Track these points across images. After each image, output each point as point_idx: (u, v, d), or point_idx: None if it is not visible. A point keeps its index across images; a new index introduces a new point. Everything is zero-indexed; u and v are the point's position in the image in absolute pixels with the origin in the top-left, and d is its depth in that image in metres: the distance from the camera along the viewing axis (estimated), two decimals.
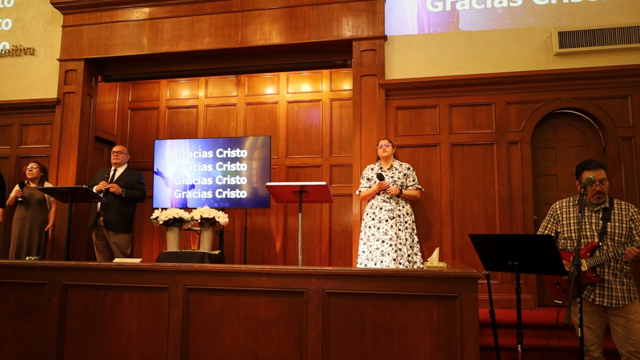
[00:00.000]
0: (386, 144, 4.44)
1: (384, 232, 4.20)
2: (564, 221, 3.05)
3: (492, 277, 3.81)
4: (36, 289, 3.07)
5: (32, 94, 5.86)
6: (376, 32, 5.07)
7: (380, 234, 4.21)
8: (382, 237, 4.20)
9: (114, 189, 4.82)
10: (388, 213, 4.24)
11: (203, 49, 5.43)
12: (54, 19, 5.92)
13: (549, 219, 3.15)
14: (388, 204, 4.27)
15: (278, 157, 6.15)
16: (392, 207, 4.25)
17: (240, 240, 6.07)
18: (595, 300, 2.87)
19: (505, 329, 3.67)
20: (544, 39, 4.79)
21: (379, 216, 4.26)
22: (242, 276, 2.79)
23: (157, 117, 6.68)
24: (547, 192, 4.80)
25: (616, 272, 2.85)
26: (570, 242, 2.98)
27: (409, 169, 4.45)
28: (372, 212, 4.32)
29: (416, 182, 4.43)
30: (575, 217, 2.99)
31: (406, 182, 4.37)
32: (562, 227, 3.04)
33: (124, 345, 2.90)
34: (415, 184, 4.40)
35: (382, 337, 2.59)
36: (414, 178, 4.43)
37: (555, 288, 3.05)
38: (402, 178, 4.35)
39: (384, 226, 4.22)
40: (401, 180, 4.33)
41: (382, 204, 4.29)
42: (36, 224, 5.01)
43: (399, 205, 4.28)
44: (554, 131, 4.86)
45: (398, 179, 4.33)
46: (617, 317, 2.85)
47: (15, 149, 5.81)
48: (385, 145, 4.43)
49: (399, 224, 4.22)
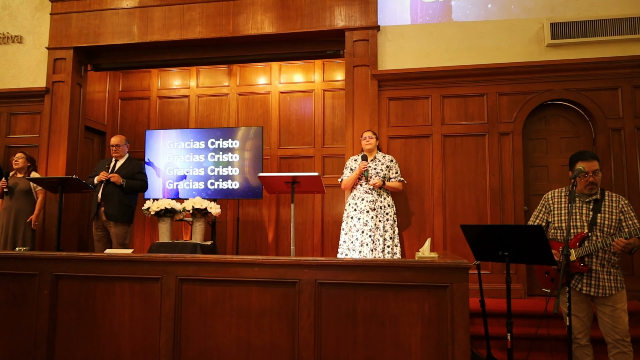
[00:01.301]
0: (370, 135, 4.44)
1: (364, 222, 4.24)
2: (555, 211, 3.07)
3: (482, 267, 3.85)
4: (27, 280, 3.06)
5: (20, 82, 5.78)
6: (369, 22, 5.05)
7: (360, 224, 4.24)
8: (362, 228, 4.23)
9: (114, 179, 4.78)
10: (369, 204, 4.26)
11: (194, 38, 5.38)
12: (42, 6, 5.82)
13: (540, 208, 3.18)
14: (370, 195, 4.29)
15: (270, 147, 6.13)
16: (373, 199, 4.27)
17: (232, 231, 6.06)
18: (583, 289, 2.91)
19: (495, 318, 3.72)
20: (536, 30, 4.79)
21: (360, 207, 4.29)
22: (234, 267, 2.80)
23: (148, 106, 6.62)
24: (537, 183, 4.84)
25: (604, 263, 2.89)
26: (560, 232, 3.01)
27: (392, 161, 4.46)
28: (354, 203, 4.34)
29: (399, 174, 4.45)
30: (566, 208, 3.02)
31: (389, 174, 4.38)
32: (553, 216, 3.07)
33: (116, 335, 2.90)
34: (397, 176, 4.42)
35: (374, 326, 2.61)
36: (397, 170, 4.45)
37: (544, 277, 3.08)
38: (385, 170, 4.36)
39: (365, 217, 4.24)
40: (384, 172, 4.35)
41: (364, 195, 4.31)
42: (21, 215, 4.95)
43: (380, 197, 4.31)
44: (545, 122, 4.88)
45: (381, 171, 4.34)
46: (604, 306, 2.90)
47: (4, 139, 5.74)
48: (368, 137, 4.43)
49: (380, 215, 4.25)
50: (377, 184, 4.25)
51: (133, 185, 4.90)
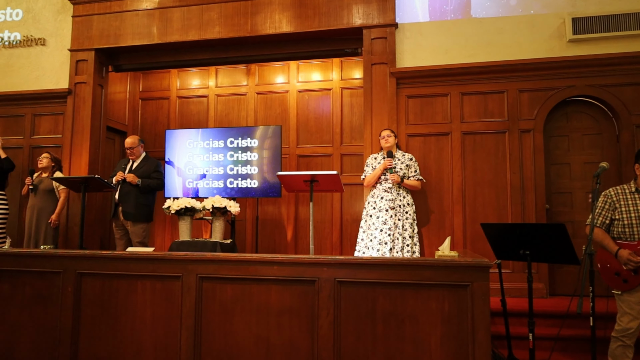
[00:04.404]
0: (388, 134, 4.42)
1: (383, 221, 4.22)
2: (622, 208, 3.00)
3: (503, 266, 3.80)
4: (51, 277, 3.12)
5: (43, 84, 5.90)
6: (387, 20, 5.03)
7: (379, 223, 4.23)
8: (381, 226, 4.21)
9: (130, 179, 4.85)
10: (389, 203, 4.24)
11: (213, 38, 5.42)
12: (64, 8, 5.94)
13: (602, 205, 3.09)
14: (389, 193, 4.27)
15: (289, 146, 6.15)
16: (393, 197, 4.25)
17: (251, 229, 6.10)
18: None
19: (517, 318, 3.66)
20: (557, 25, 4.71)
21: (380, 205, 4.27)
22: (253, 265, 2.81)
23: (167, 106, 6.70)
24: (559, 181, 4.76)
25: None
26: (629, 230, 2.95)
27: (412, 159, 4.44)
28: (374, 201, 4.33)
29: (418, 173, 4.42)
30: (634, 204, 2.96)
31: (408, 172, 4.36)
32: (621, 214, 2.99)
33: (138, 333, 2.94)
34: (417, 175, 4.40)
35: (393, 325, 2.60)
36: (416, 169, 4.42)
37: (614, 278, 3.00)
38: (405, 169, 4.34)
39: (384, 215, 4.23)
40: (403, 170, 4.33)
41: (384, 193, 4.29)
42: (43, 213, 5.05)
43: (400, 195, 4.28)
44: (566, 119, 4.80)
45: (400, 170, 4.32)
46: None
47: (28, 139, 5.86)
48: (387, 136, 4.41)
49: (399, 214, 4.23)
50: (396, 179, 4.22)
51: (149, 184, 4.96)
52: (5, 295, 3.18)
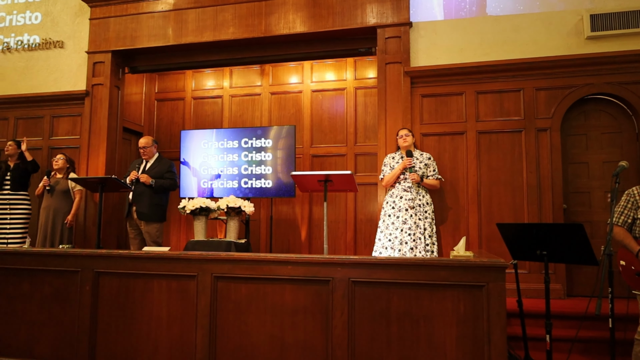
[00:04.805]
0: (406, 133, 4.40)
1: (402, 221, 4.20)
2: None
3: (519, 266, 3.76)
4: (69, 276, 3.17)
5: (62, 86, 5.99)
6: (401, 19, 5.00)
7: (399, 222, 4.21)
8: (401, 226, 4.19)
9: (143, 179, 4.91)
10: (408, 202, 4.22)
11: (227, 39, 5.45)
12: (82, 11, 6.02)
13: (625, 204, 3.02)
14: (409, 193, 4.25)
15: (303, 146, 6.16)
16: (412, 197, 4.23)
17: (265, 229, 6.12)
18: None
19: (534, 319, 3.62)
20: (575, 22, 4.64)
21: (399, 205, 4.25)
22: (268, 264, 2.82)
23: (182, 107, 6.76)
24: (577, 180, 4.69)
25: None
26: None
27: (430, 158, 4.41)
28: (392, 201, 4.31)
29: (436, 172, 4.39)
30: None
31: (427, 171, 4.33)
32: None
33: (154, 331, 2.98)
34: (435, 174, 4.37)
35: (408, 325, 2.59)
36: (435, 168, 4.39)
37: (636, 278, 2.95)
38: (423, 168, 4.32)
39: (404, 215, 4.21)
40: (422, 170, 4.30)
41: (403, 193, 4.27)
42: (59, 214, 5.12)
43: (419, 195, 4.26)
44: (585, 117, 4.73)
45: (419, 169, 4.30)
46: None
47: (47, 140, 5.96)
48: (405, 135, 4.39)
49: (419, 213, 4.20)
50: (416, 178, 4.20)
51: (162, 185, 5.01)
52: (25, 294, 3.24)
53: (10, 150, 5.39)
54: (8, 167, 5.35)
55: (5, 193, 5.28)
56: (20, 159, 5.44)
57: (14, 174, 5.34)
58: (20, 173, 5.36)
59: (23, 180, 5.37)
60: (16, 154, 5.42)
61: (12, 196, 5.29)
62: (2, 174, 5.31)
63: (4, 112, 6.14)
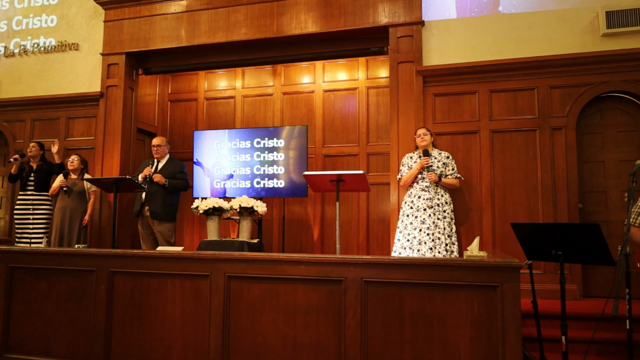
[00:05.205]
0: (424, 132, 4.37)
1: (421, 220, 4.17)
2: None
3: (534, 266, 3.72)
4: (85, 275, 3.21)
5: (77, 88, 6.07)
6: (413, 18, 4.98)
7: (418, 222, 4.18)
8: (419, 226, 4.17)
9: (157, 179, 4.95)
10: (426, 202, 4.19)
11: (239, 39, 5.47)
12: (96, 14, 6.09)
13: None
14: (427, 192, 4.22)
15: (315, 146, 6.16)
16: (430, 196, 4.20)
17: (278, 229, 6.14)
18: None
19: (549, 320, 3.58)
20: (590, 19, 4.58)
21: (417, 205, 4.23)
22: (280, 264, 2.83)
23: (195, 108, 6.80)
24: (593, 180, 4.63)
25: None
26: None
27: (448, 157, 4.37)
28: (411, 201, 4.28)
29: (455, 170, 4.35)
30: None
31: (445, 170, 4.30)
32: None
33: (168, 330, 3.00)
34: (454, 173, 4.32)
35: (421, 326, 2.58)
36: (454, 167, 4.35)
37: None
38: (442, 167, 4.28)
39: (422, 215, 4.18)
40: (440, 169, 4.27)
41: (421, 192, 4.25)
42: (76, 214, 5.19)
43: (437, 194, 4.22)
44: (600, 116, 4.66)
45: (437, 168, 4.27)
46: None
47: (63, 142, 6.04)
48: (423, 134, 4.36)
49: (437, 213, 4.17)
50: (433, 178, 4.18)
51: (175, 185, 5.06)
52: (42, 292, 3.29)
53: (34, 151, 5.48)
54: (31, 169, 5.44)
55: (29, 194, 5.39)
56: (42, 160, 5.53)
57: (38, 175, 5.43)
58: (44, 175, 5.47)
59: (45, 181, 5.47)
60: (39, 155, 5.51)
61: (35, 197, 5.39)
62: (26, 175, 5.40)
63: (21, 114, 6.24)
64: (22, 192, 5.40)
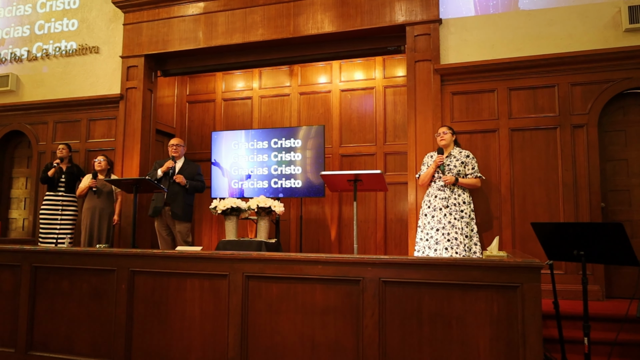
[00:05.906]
0: (444, 131, 4.31)
1: (438, 220, 4.14)
2: None
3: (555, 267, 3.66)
4: (106, 274, 3.26)
5: (97, 90, 6.18)
6: (430, 16, 4.94)
7: (434, 222, 4.15)
8: (436, 226, 4.13)
9: (179, 180, 5.02)
10: (442, 202, 4.15)
11: (256, 40, 5.50)
12: (116, 17, 6.19)
13: None
14: (442, 192, 4.18)
15: (332, 146, 6.16)
16: (446, 196, 4.16)
17: (295, 229, 6.15)
18: None
19: (571, 321, 3.52)
20: (612, 14, 4.49)
21: (434, 204, 4.19)
22: (298, 264, 2.84)
23: (213, 109, 6.86)
24: (616, 178, 4.54)
25: None
26: None
27: (468, 156, 4.28)
28: (428, 200, 4.25)
29: (476, 170, 4.26)
30: None
31: (464, 170, 4.23)
32: None
33: (187, 329, 3.03)
34: (474, 172, 4.24)
35: (440, 326, 2.56)
36: (474, 166, 4.26)
37: None
38: (460, 166, 4.22)
39: (438, 214, 4.14)
40: (458, 168, 4.21)
41: (437, 192, 4.21)
42: (105, 214, 5.31)
43: (454, 193, 4.17)
44: (623, 113, 4.57)
45: (454, 167, 4.21)
46: None
47: (84, 143, 6.15)
48: (443, 133, 4.30)
49: (454, 212, 4.11)
50: (448, 180, 4.13)
51: (195, 186, 5.15)
52: (64, 291, 3.35)
53: (64, 153, 5.61)
54: (61, 170, 5.56)
55: (59, 195, 5.52)
56: (70, 162, 5.68)
57: (68, 177, 5.57)
58: (73, 177, 5.62)
59: (73, 183, 5.61)
60: (68, 156, 5.64)
61: (65, 198, 5.53)
62: (58, 177, 5.53)
63: (44, 117, 6.37)
64: (52, 193, 5.52)
